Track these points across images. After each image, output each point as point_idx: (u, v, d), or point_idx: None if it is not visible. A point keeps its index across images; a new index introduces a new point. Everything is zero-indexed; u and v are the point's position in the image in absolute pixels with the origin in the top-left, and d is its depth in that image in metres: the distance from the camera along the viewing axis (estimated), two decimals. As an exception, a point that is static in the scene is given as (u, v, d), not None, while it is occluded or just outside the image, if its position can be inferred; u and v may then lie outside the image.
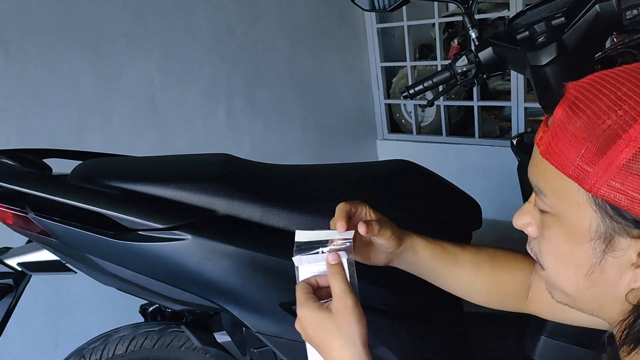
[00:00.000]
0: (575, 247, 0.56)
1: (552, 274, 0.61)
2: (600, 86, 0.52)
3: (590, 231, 0.53)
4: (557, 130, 0.54)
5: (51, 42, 1.87)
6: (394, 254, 0.83)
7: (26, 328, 1.87)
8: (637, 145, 0.48)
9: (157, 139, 2.23)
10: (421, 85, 1.37)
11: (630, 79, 0.51)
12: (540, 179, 0.57)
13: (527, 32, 1.16)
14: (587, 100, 0.52)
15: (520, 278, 0.87)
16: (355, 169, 1.18)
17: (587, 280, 0.57)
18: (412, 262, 0.84)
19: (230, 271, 0.98)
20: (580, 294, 0.59)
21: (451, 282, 0.88)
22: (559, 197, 0.55)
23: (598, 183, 0.50)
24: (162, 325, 1.21)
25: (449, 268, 0.86)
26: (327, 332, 0.67)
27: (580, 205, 0.53)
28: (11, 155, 1.11)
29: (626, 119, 0.49)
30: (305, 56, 2.89)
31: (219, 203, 1.00)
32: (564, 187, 0.54)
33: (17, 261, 1.09)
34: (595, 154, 0.50)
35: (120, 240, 0.97)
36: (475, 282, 0.87)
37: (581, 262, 0.56)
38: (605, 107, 0.50)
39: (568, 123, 0.53)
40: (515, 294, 0.87)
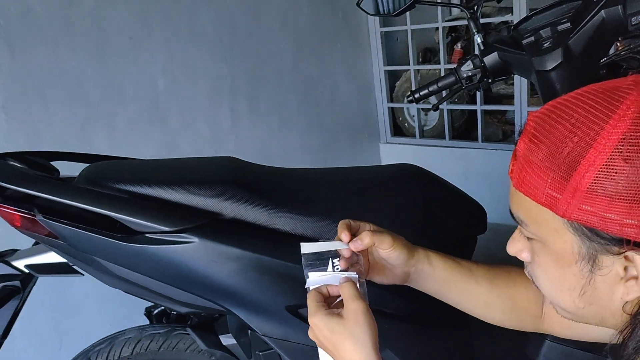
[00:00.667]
0: (564, 271, 0.58)
1: (550, 297, 0.63)
2: (556, 115, 0.55)
3: (574, 254, 0.55)
4: (522, 162, 0.56)
5: (56, 45, 1.88)
6: (409, 268, 0.82)
7: (30, 330, 1.88)
8: (596, 168, 0.50)
9: (161, 142, 2.24)
10: (426, 90, 1.38)
11: (581, 105, 0.53)
12: (519, 209, 0.59)
13: (533, 37, 1.17)
14: (545, 131, 0.55)
15: (533, 293, 0.87)
16: (362, 173, 1.19)
17: (582, 299, 0.58)
18: (428, 278, 0.84)
19: (236, 274, 0.98)
20: (579, 311, 0.60)
21: (467, 299, 0.87)
22: (538, 225, 0.57)
23: (569, 208, 0.52)
24: (167, 327, 1.21)
25: (464, 283, 0.85)
26: (339, 336, 0.69)
27: (559, 230, 0.55)
28: (19, 157, 1.11)
29: (582, 144, 0.51)
30: (308, 59, 2.90)
31: (225, 206, 1.01)
32: (541, 215, 0.56)
33: (25, 263, 1.10)
34: (560, 181, 0.52)
35: (127, 243, 0.97)
36: (490, 298, 0.87)
37: (573, 284, 0.58)
38: (562, 136, 0.53)
39: (531, 154, 0.55)
40: (530, 311, 0.87)
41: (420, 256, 0.83)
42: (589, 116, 0.52)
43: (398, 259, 0.80)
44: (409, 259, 0.81)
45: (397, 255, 0.80)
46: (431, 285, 0.85)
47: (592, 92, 0.54)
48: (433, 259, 0.84)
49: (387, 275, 0.83)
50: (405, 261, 0.81)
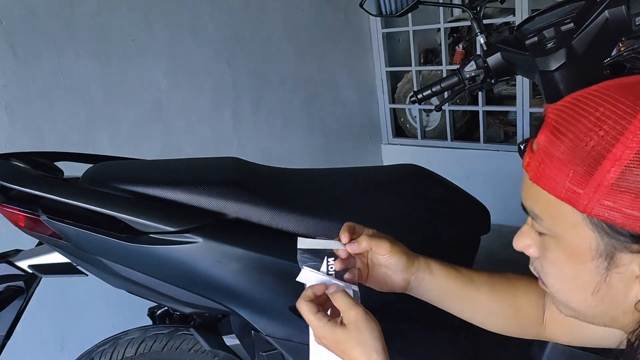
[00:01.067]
0: (578, 268, 0.56)
1: (558, 294, 0.62)
2: (579, 108, 0.53)
3: (591, 250, 0.54)
4: (542, 155, 0.55)
5: (59, 47, 1.88)
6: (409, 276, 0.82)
7: (32, 330, 1.88)
8: (622, 163, 0.49)
9: (164, 143, 2.24)
10: (429, 90, 1.38)
11: (606, 99, 0.52)
12: (534, 204, 0.58)
13: (536, 37, 1.17)
14: (567, 124, 0.53)
15: (535, 298, 0.86)
16: (365, 173, 1.19)
17: (594, 297, 0.57)
18: (429, 286, 0.84)
19: (240, 274, 0.98)
20: (590, 310, 0.59)
21: (468, 307, 0.87)
22: (555, 219, 0.56)
23: (591, 204, 0.51)
24: (171, 328, 1.21)
25: (465, 290, 0.85)
26: (347, 345, 0.70)
27: (577, 226, 0.54)
28: (23, 158, 1.12)
29: (608, 139, 0.50)
30: (310, 61, 2.90)
31: (229, 206, 1.01)
32: (559, 210, 0.54)
33: (28, 263, 1.10)
34: (583, 175, 0.51)
35: (131, 243, 0.97)
36: (492, 305, 0.86)
37: (586, 282, 0.56)
38: (586, 129, 0.51)
39: (552, 147, 0.54)
40: (532, 317, 0.86)
41: (420, 264, 0.82)
42: (616, 110, 0.51)
43: (397, 265, 0.80)
44: (408, 267, 0.81)
45: (396, 262, 0.80)
46: (432, 294, 0.85)
47: (617, 86, 0.54)
48: (433, 267, 0.84)
49: (387, 282, 0.83)
50: (404, 268, 0.81)
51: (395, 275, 0.82)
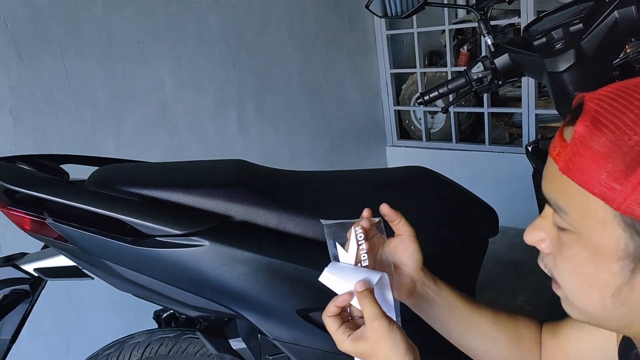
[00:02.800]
0: (600, 267, 0.53)
1: (573, 294, 0.58)
2: (623, 100, 0.50)
3: (618, 250, 0.51)
4: (578, 146, 0.51)
5: (64, 49, 1.88)
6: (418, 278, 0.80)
7: (38, 333, 1.87)
8: None
9: (169, 145, 2.23)
10: (436, 92, 1.37)
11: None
12: (560, 196, 0.54)
13: (545, 38, 1.16)
14: (610, 115, 0.50)
15: (535, 332, 0.85)
16: (372, 175, 1.18)
17: (613, 300, 0.54)
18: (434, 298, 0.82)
19: (247, 277, 0.98)
20: (606, 312, 0.56)
21: (472, 331, 0.84)
22: (582, 215, 0.52)
23: (627, 202, 0.48)
24: (177, 331, 1.20)
25: (470, 312, 0.83)
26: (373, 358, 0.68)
27: (607, 223, 0.51)
28: (29, 160, 1.11)
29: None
30: (315, 63, 2.90)
31: (236, 209, 1.00)
32: (588, 205, 0.51)
33: (34, 267, 1.09)
34: (623, 171, 0.48)
35: (137, 246, 0.97)
36: (496, 332, 0.83)
37: (607, 283, 0.53)
38: (631, 123, 0.49)
39: (591, 139, 0.50)
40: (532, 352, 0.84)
41: (428, 274, 0.81)
42: None
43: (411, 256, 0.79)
44: (419, 267, 0.80)
45: (413, 250, 0.79)
46: (436, 309, 0.82)
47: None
48: (440, 282, 0.82)
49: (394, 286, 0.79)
50: (416, 264, 0.79)
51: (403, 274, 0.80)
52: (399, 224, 0.80)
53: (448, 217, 1.13)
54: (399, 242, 0.80)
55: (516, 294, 2.35)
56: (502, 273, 2.47)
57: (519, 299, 2.32)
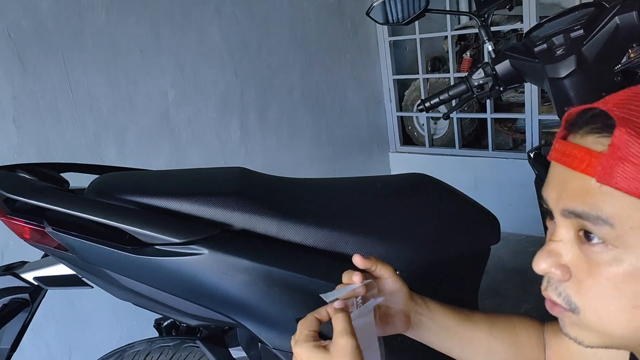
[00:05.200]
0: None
1: (602, 318, 0.53)
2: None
3: None
4: (619, 153, 0.49)
5: (67, 58, 1.89)
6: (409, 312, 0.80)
7: (40, 342, 1.87)
8: None
9: (172, 153, 2.24)
10: (437, 99, 1.37)
11: None
12: (601, 207, 0.50)
13: (546, 44, 1.16)
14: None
15: (535, 339, 0.84)
16: (373, 183, 1.17)
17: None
18: (428, 323, 0.81)
19: (246, 286, 0.97)
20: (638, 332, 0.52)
21: (468, 346, 0.83)
22: (630, 224, 0.49)
23: None
24: (177, 340, 1.20)
25: (464, 328, 0.82)
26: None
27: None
28: (29, 169, 1.11)
29: None
30: (317, 70, 2.90)
31: (235, 217, 0.99)
32: (638, 214, 0.49)
33: (34, 275, 1.09)
34: None
35: (136, 255, 0.96)
36: (492, 343, 0.83)
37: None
38: None
39: (632, 144, 0.48)
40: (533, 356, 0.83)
41: (418, 300, 0.81)
42: None
43: (399, 293, 0.79)
44: (408, 299, 0.79)
45: (399, 288, 0.78)
46: (431, 333, 0.82)
47: None
48: (430, 303, 0.82)
49: (388, 322, 0.80)
50: (405, 299, 0.79)
51: (395, 312, 0.80)
52: (376, 270, 0.78)
53: (449, 225, 1.12)
54: (383, 286, 0.79)
55: (520, 301, 2.33)
56: (506, 280, 2.45)
57: (523, 306, 2.30)
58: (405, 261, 1.05)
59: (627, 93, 0.52)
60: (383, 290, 0.79)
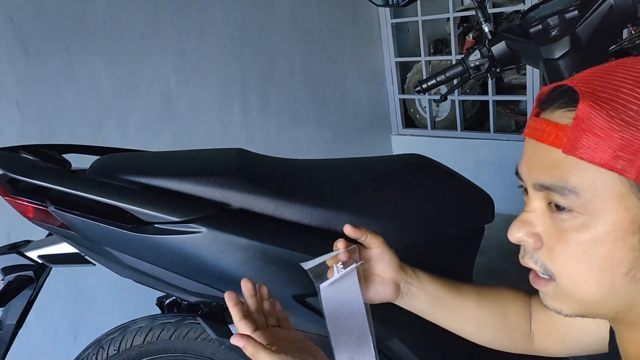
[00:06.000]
0: (616, 245, 0.52)
1: (575, 284, 0.56)
2: (611, 76, 0.52)
3: (634, 223, 0.51)
4: (582, 125, 0.51)
5: (69, 42, 1.91)
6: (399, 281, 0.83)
7: (46, 322, 1.92)
8: None
9: (173, 137, 2.26)
10: (434, 80, 1.38)
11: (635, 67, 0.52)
12: (567, 178, 0.53)
13: (541, 25, 1.16)
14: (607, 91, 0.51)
15: (522, 309, 0.86)
16: (368, 163, 1.19)
17: (625, 277, 0.53)
18: (417, 293, 0.84)
19: (243, 263, 1.00)
20: (613, 296, 0.55)
21: (457, 316, 0.86)
22: (595, 193, 0.52)
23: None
24: (178, 317, 1.23)
25: (453, 299, 0.85)
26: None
27: (623, 196, 0.51)
28: (32, 150, 1.14)
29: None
30: (319, 53, 2.90)
31: (232, 196, 1.02)
32: (600, 181, 0.51)
33: (38, 254, 1.12)
34: (632, 141, 0.49)
35: (137, 233, 0.99)
36: (480, 313, 0.86)
37: (622, 260, 0.53)
38: (627, 96, 0.50)
39: (595, 116, 0.51)
40: (520, 328, 0.86)
41: (408, 271, 0.84)
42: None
43: (389, 263, 0.81)
44: (398, 269, 0.82)
45: (388, 259, 0.81)
46: (421, 302, 0.85)
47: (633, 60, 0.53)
48: (420, 274, 0.85)
49: (378, 289, 0.83)
50: (394, 269, 0.82)
51: (385, 280, 0.83)
52: (366, 239, 0.81)
53: (443, 204, 1.14)
54: (373, 255, 0.82)
55: (519, 282, 2.35)
56: (505, 261, 2.47)
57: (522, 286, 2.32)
58: (400, 240, 1.07)
59: (594, 70, 0.55)
60: (372, 259, 0.82)
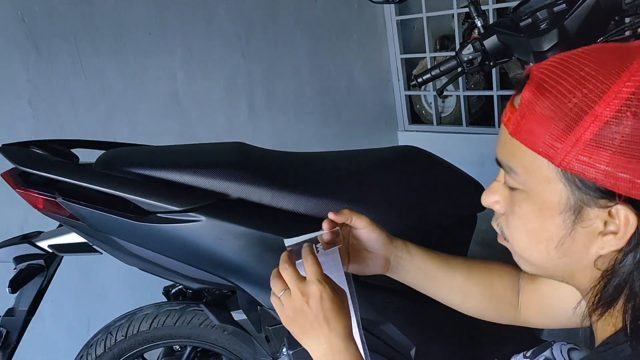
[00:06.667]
0: (546, 221, 0.59)
1: (521, 248, 0.64)
2: (564, 67, 0.56)
3: (560, 204, 0.57)
4: (525, 110, 0.57)
5: (79, 42, 1.97)
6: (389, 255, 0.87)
7: (60, 314, 1.98)
8: (602, 120, 0.51)
9: (181, 133, 2.31)
10: (429, 74, 1.41)
11: (591, 59, 0.55)
12: (511, 158, 0.60)
13: (530, 19, 1.19)
14: (552, 82, 0.55)
15: (509, 281, 0.90)
16: (361, 155, 1.23)
17: (558, 251, 0.60)
18: (407, 266, 0.88)
19: (242, 251, 1.04)
20: (551, 264, 0.62)
21: (445, 288, 0.90)
22: (529, 173, 0.58)
23: (567, 158, 0.54)
24: (182, 304, 1.28)
25: (442, 271, 0.89)
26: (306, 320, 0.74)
27: (551, 180, 0.56)
28: (42, 145, 1.19)
29: (591, 96, 0.52)
30: (324, 50, 2.93)
31: (231, 187, 1.06)
32: (535, 164, 0.57)
33: (48, 243, 1.18)
34: (563, 131, 0.53)
35: (140, 222, 1.04)
36: (468, 286, 0.90)
37: (552, 235, 0.59)
38: (570, 87, 0.54)
39: (536, 103, 0.56)
40: (507, 299, 0.90)
41: (398, 244, 0.88)
42: (600, 70, 0.53)
43: (377, 241, 0.85)
44: (387, 244, 0.86)
45: (377, 237, 0.85)
46: (411, 274, 0.89)
47: (602, 49, 0.56)
48: (411, 247, 0.88)
49: (368, 264, 0.87)
50: (383, 245, 0.86)
51: (375, 256, 0.86)
52: (352, 221, 0.85)
53: (434, 192, 1.18)
54: (361, 235, 0.86)
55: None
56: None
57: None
58: (392, 227, 1.10)
59: (560, 56, 0.58)
60: (361, 238, 0.86)
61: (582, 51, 0.57)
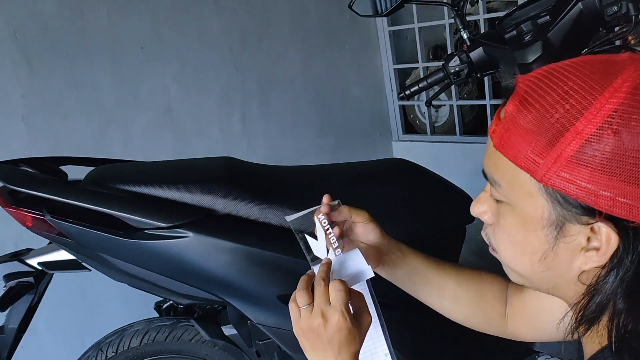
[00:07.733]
0: (529, 235, 0.59)
1: (507, 259, 0.64)
2: (548, 81, 0.55)
3: (543, 219, 0.56)
4: (509, 123, 0.56)
5: (72, 57, 1.98)
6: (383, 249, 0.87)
7: (55, 329, 1.98)
8: (583, 137, 0.51)
9: (175, 146, 2.32)
10: (417, 86, 1.42)
11: (576, 74, 0.54)
12: (495, 170, 0.60)
13: (515, 31, 1.20)
14: (536, 95, 0.55)
15: (498, 290, 0.90)
16: (350, 168, 1.24)
17: (541, 264, 0.59)
18: (399, 264, 0.88)
19: (230, 266, 1.05)
20: (536, 276, 0.62)
21: (435, 291, 0.90)
22: (512, 187, 0.58)
23: (548, 174, 0.53)
24: (173, 319, 1.28)
25: (433, 274, 0.89)
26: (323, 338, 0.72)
27: (533, 194, 0.56)
28: (31, 163, 1.20)
29: (573, 112, 0.52)
30: (318, 61, 2.95)
31: (218, 202, 1.07)
32: (517, 178, 0.56)
33: (38, 261, 1.18)
34: (545, 146, 0.53)
35: (128, 239, 1.04)
36: (458, 291, 0.90)
37: (535, 249, 0.59)
38: (553, 102, 0.53)
39: (519, 117, 0.55)
40: (495, 309, 0.90)
41: (392, 240, 0.88)
42: (583, 85, 0.52)
43: (372, 233, 0.85)
44: (381, 238, 0.86)
45: (372, 229, 0.85)
46: (402, 274, 0.89)
47: (587, 63, 0.55)
48: (403, 246, 0.89)
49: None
50: (378, 237, 0.86)
51: (369, 251, 0.86)
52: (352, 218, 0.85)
53: (423, 205, 1.18)
54: (359, 229, 0.86)
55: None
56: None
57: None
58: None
59: (546, 69, 0.57)
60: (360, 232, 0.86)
61: (568, 64, 0.56)
